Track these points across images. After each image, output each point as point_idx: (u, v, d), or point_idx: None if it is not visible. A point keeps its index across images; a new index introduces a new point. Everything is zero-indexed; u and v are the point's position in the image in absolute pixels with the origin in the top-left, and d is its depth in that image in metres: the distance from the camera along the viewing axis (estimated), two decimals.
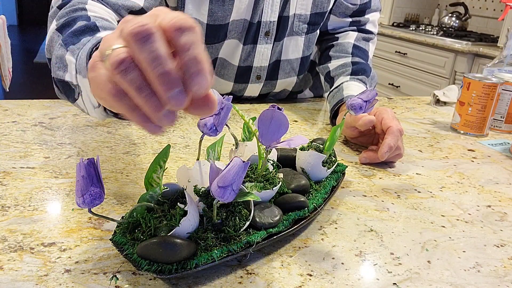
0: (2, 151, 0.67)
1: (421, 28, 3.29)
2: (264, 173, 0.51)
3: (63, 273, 0.42)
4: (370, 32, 1.04)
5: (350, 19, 1.02)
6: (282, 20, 0.90)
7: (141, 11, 0.77)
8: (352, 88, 0.88)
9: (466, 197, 0.65)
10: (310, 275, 0.44)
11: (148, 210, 0.44)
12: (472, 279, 0.46)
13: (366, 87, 0.89)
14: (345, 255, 0.48)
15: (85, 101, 0.57)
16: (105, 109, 0.54)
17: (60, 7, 0.70)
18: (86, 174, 0.38)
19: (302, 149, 0.60)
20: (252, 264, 0.45)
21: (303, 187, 0.54)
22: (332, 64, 0.97)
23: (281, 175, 0.53)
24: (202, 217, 0.44)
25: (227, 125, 0.53)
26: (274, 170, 0.53)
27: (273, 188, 0.50)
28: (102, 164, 0.65)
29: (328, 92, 0.95)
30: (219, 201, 0.41)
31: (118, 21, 0.74)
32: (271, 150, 0.50)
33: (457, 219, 0.58)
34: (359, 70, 0.93)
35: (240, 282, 0.42)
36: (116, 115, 0.56)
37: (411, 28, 3.33)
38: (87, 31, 0.59)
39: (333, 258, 0.47)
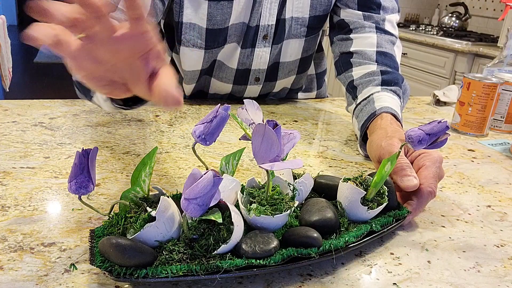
0: (2, 151, 0.67)
1: (421, 28, 3.29)
2: (276, 197, 0.45)
3: (63, 273, 0.42)
4: (391, 34, 0.89)
5: (360, 12, 0.89)
6: (280, 23, 0.90)
7: None
8: (385, 99, 0.74)
9: (466, 197, 0.65)
10: (310, 275, 0.44)
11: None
12: (472, 279, 0.46)
13: (400, 102, 0.76)
14: (345, 255, 0.48)
15: (98, 96, 0.62)
16: (111, 100, 0.60)
17: None
18: (78, 162, 0.39)
19: (344, 180, 0.51)
20: None
21: (326, 222, 0.46)
22: (356, 72, 0.83)
23: (296, 203, 0.46)
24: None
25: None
26: (287, 196, 0.46)
27: (274, 216, 0.43)
28: (102, 164, 0.65)
29: (355, 105, 0.79)
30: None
31: None
32: (271, 170, 0.44)
33: (457, 219, 0.58)
34: (391, 80, 0.78)
35: (240, 282, 0.42)
36: (121, 106, 0.60)
37: (411, 28, 3.33)
38: None
39: (333, 258, 0.47)
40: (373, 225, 0.49)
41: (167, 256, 0.40)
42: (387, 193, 0.51)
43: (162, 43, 0.43)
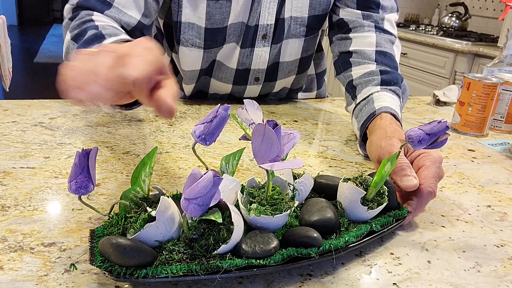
0: (2, 151, 0.67)
1: (421, 28, 3.29)
2: (276, 196, 0.45)
3: (63, 273, 0.42)
4: (390, 33, 0.88)
5: (359, 11, 0.88)
6: (279, 23, 0.90)
7: (138, 25, 0.78)
8: (385, 99, 0.73)
9: (466, 197, 0.65)
10: (310, 275, 0.44)
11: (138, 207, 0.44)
12: (472, 279, 0.46)
13: (400, 102, 0.76)
14: (345, 255, 0.48)
15: None
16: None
17: (71, 19, 0.77)
18: (78, 162, 0.39)
19: (344, 180, 0.51)
20: None
21: (326, 222, 0.45)
22: (356, 72, 0.83)
23: (296, 203, 0.46)
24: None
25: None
26: (287, 196, 0.46)
27: (274, 216, 0.43)
28: (102, 164, 0.65)
29: (354, 105, 0.79)
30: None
31: (127, 31, 0.75)
32: (271, 170, 0.44)
33: (457, 219, 0.58)
34: (390, 80, 0.78)
35: (240, 282, 0.42)
36: (122, 107, 0.62)
37: (411, 28, 3.33)
38: (95, 39, 0.66)
39: (333, 258, 0.47)
40: (373, 225, 0.49)
41: (167, 256, 0.40)
42: (387, 193, 0.51)
43: (168, 63, 0.46)
